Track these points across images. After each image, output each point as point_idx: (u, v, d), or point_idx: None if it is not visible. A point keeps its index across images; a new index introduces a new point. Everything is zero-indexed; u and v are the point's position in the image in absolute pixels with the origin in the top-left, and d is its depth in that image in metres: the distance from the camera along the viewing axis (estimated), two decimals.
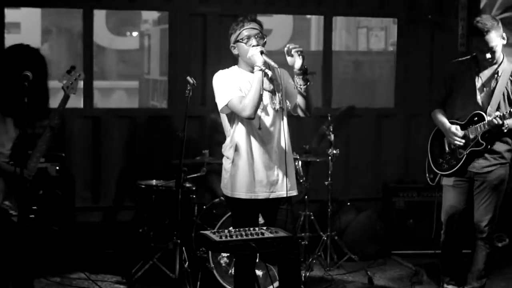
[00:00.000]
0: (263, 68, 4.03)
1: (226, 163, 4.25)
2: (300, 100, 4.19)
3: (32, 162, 4.19)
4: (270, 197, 4.20)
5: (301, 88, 4.12)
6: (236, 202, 4.22)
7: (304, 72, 4.07)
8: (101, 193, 6.69)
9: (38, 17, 10.01)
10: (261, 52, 4.05)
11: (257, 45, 4.10)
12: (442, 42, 7.25)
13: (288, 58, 4.09)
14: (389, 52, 9.57)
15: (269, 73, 4.08)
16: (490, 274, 5.13)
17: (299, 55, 4.03)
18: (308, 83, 4.11)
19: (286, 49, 4.08)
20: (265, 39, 4.18)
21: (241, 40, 4.15)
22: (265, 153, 4.17)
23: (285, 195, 4.18)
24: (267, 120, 4.18)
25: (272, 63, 4.03)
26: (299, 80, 4.10)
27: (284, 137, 4.20)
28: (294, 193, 4.27)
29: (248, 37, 4.13)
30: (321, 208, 6.28)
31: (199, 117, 6.45)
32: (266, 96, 4.18)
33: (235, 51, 4.22)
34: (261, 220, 4.39)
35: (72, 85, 4.36)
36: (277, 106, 4.20)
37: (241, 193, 4.17)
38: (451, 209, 4.97)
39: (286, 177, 4.19)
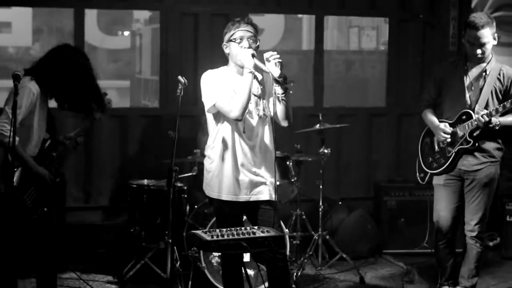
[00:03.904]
0: (253, 71, 4.02)
1: (208, 163, 4.25)
2: (278, 108, 4.16)
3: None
4: (251, 199, 4.19)
5: (279, 96, 4.11)
6: (217, 202, 4.22)
7: (283, 80, 4.04)
8: (93, 193, 6.67)
9: (29, 16, 9.96)
10: (252, 55, 4.05)
11: (249, 48, 4.10)
12: (433, 41, 7.26)
13: (268, 65, 4.04)
14: (380, 52, 9.59)
15: (259, 76, 4.06)
16: (481, 273, 5.13)
17: (276, 65, 4.00)
18: (287, 91, 4.09)
19: (265, 56, 4.06)
20: (258, 43, 4.17)
21: (233, 40, 4.14)
22: (248, 156, 4.16)
23: (265, 198, 4.18)
24: (252, 124, 4.17)
25: (263, 67, 4.02)
26: (278, 89, 4.08)
27: (267, 142, 4.20)
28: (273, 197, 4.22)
29: (241, 38, 4.12)
30: (312, 208, 6.28)
31: (190, 116, 6.44)
32: (252, 101, 4.16)
33: (226, 50, 4.22)
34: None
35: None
36: (261, 112, 4.19)
37: (222, 194, 4.17)
38: (442, 209, 4.97)
39: (275, 181, 4.17)
